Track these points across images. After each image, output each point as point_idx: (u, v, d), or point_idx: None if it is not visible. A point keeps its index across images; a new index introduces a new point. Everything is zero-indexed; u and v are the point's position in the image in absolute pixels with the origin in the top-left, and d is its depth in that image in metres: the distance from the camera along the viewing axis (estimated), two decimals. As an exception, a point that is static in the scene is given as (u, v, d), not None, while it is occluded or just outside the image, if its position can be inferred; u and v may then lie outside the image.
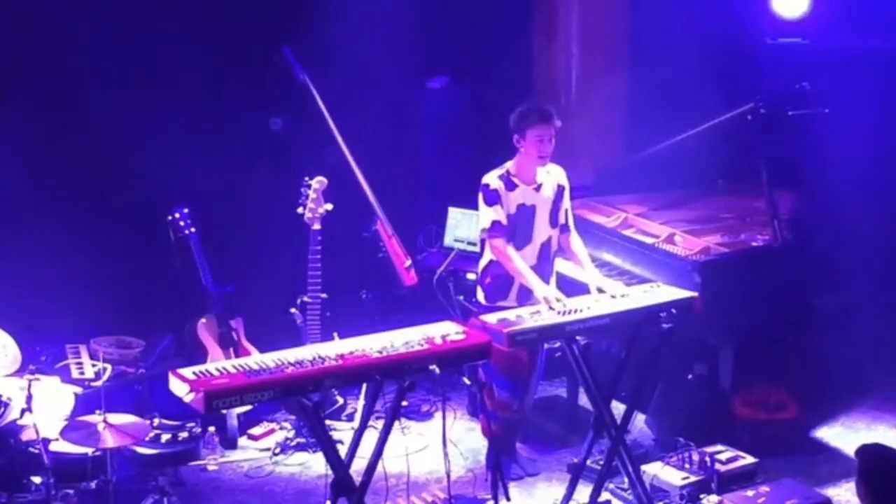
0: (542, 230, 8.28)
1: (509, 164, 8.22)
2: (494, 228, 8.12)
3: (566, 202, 8.38)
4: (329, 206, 8.97)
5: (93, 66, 9.96)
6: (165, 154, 10.07)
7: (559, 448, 9.02)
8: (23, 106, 9.89)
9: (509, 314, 7.56)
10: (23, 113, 9.85)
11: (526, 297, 8.10)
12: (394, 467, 7.94)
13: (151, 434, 8.02)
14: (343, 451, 7.00)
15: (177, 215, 9.10)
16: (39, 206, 9.90)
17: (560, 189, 8.33)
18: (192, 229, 9.08)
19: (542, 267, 8.22)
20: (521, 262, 8.07)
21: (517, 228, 8.18)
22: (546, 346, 8.58)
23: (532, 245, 8.25)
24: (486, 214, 8.15)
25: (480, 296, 8.41)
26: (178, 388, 6.45)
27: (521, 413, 8.52)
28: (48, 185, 9.94)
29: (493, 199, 8.12)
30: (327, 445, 6.80)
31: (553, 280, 8.31)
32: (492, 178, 8.17)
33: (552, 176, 8.27)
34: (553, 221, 8.30)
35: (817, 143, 9.53)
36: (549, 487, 8.50)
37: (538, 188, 8.22)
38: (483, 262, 8.36)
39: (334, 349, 6.83)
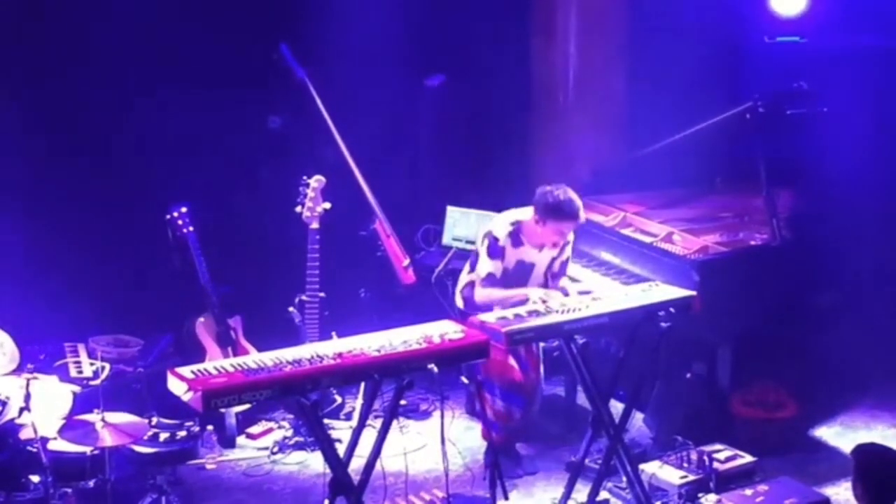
0: (535, 283, 8.37)
1: (522, 216, 8.26)
2: (488, 279, 8.22)
3: (567, 253, 8.46)
4: (327, 205, 8.96)
5: (91, 66, 9.95)
6: (164, 153, 10.07)
7: (557, 447, 9.00)
8: (22, 105, 9.87)
9: (507, 313, 7.55)
10: (21, 112, 9.84)
11: None
12: (392, 466, 7.95)
13: (150, 433, 8.03)
14: (341, 449, 7.01)
15: (175, 214, 9.09)
16: (38, 204, 9.90)
17: (564, 244, 8.35)
18: (191, 228, 9.07)
19: None
20: (505, 292, 8.15)
21: (511, 281, 8.27)
22: (542, 344, 8.57)
23: None
24: (485, 265, 8.24)
25: (459, 302, 8.49)
26: (176, 386, 6.44)
27: (524, 422, 8.55)
28: (46, 184, 9.94)
29: (496, 253, 8.21)
30: (326, 444, 6.79)
31: None
32: (501, 232, 8.22)
33: None
34: (546, 274, 8.38)
35: (815, 141, 9.54)
36: (548, 486, 8.50)
37: (541, 249, 8.26)
38: (467, 278, 8.41)
39: (332, 348, 6.82)
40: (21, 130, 9.75)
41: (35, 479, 7.74)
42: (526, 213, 8.26)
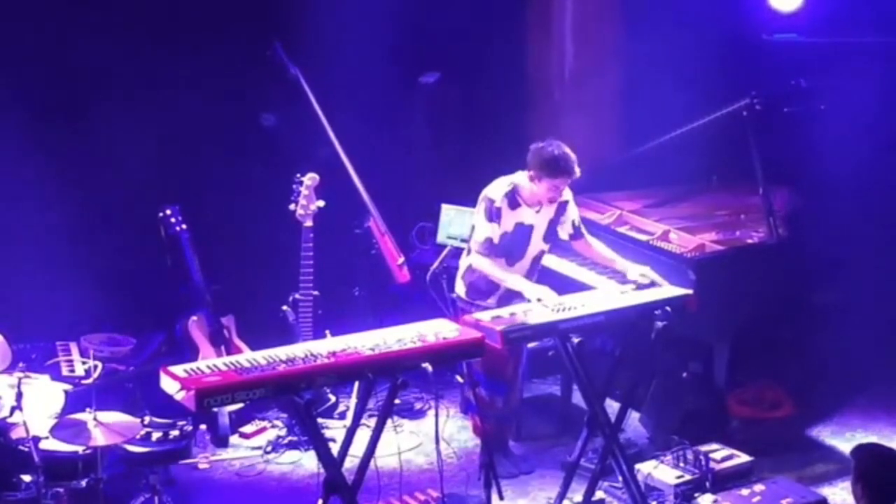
0: (536, 247, 8.31)
1: (518, 180, 8.20)
2: (486, 245, 8.14)
3: (571, 213, 8.37)
4: (321, 203, 8.93)
5: (83, 65, 9.89)
6: (156, 151, 10.01)
7: (553, 446, 9.00)
8: (13, 104, 9.81)
9: (502, 312, 7.53)
10: (12, 111, 9.78)
11: (507, 301, 8.10)
12: (386, 465, 7.95)
13: (142, 432, 7.95)
14: (335, 449, 6.99)
15: (167, 212, 9.06)
16: (29, 202, 9.84)
17: (561, 206, 8.29)
18: (183, 226, 9.05)
19: (529, 278, 8.23)
20: (502, 272, 8.11)
21: (512, 246, 8.20)
22: (531, 344, 8.52)
23: (523, 261, 8.29)
24: (482, 229, 8.15)
25: (461, 290, 8.42)
26: (169, 385, 6.42)
27: (507, 409, 8.51)
28: (38, 182, 9.86)
29: (493, 216, 8.12)
30: (319, 444, 6.77)
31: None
32: (497, 195, 8.14)
33: None
34: (547, 238, 8.31)
35: (813, 139, 9.51)
36: (543, 486, 8.47)
37: (539, 209, 8.20)
38: (466, 260, 8.35)
39: (326, 347, 6.80)
40: (10, 130, 9.68)
41: (27, 478, 7.68)
42: (520, 177, 8.20)
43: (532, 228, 8.23)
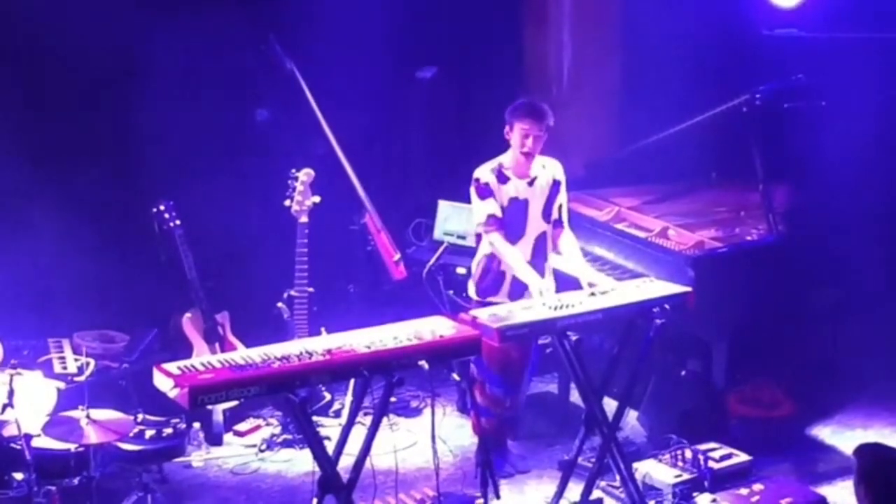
0: (536, 225, 8.23)
1: (502, 158, 8.18)
2: (490, 222, 8.09)
3: (562, 197, 8.33)
4: (316, 199, 8.90)
5: (76, 59, 9.84)
6: (150, 146, 9.96)
7: (550, 445, 8.96)
8: (5, 100, 9.76)
9: (499, 309, 7.49)
10: (4, 107, 9.73)
11: (518, 293, 8.07)
12: (382, 464, 7.88)
13: (135, 430, 7.92)
14: (330, 447, 6.95)
15: (161, 208, 9.02)
16: (22, 198, 9.80)
17: (555, 184, 8.27)
18: (177, 222, 9.00)
19: (537, 262, 8.19)
20: (517, 256, 8.05)
21: (509, 222, 8.14)
22: (540, 341, 8.50)
23: (526, 239, 8.22)
24: (481, 208, 8.10)
25: (472, 290, 8.39)
26: (162, 383, 6.37)
27: (513, 409, 8.49)
28: (31, 179, 9.82)
29: (485, 192, 8.08)
30: (314, 442, 6.72)
31: (549, 276, 8.24)
32: (483, 172, 8.12)
33: (548, 170, 8.22)
34: (546, 216, 8.24)
35: (813, 135, 9.47)
36: (540, 485, 8.44)
37: (532, 182, 8.16)
38: (477, 258, 8.32)
39: (322, 344, 6.75)
40: (3, 128, 9.63)
41: (19, 476, 7.65)
42: (503, 156, 8.20)
43: (527, 203, 8.19)
